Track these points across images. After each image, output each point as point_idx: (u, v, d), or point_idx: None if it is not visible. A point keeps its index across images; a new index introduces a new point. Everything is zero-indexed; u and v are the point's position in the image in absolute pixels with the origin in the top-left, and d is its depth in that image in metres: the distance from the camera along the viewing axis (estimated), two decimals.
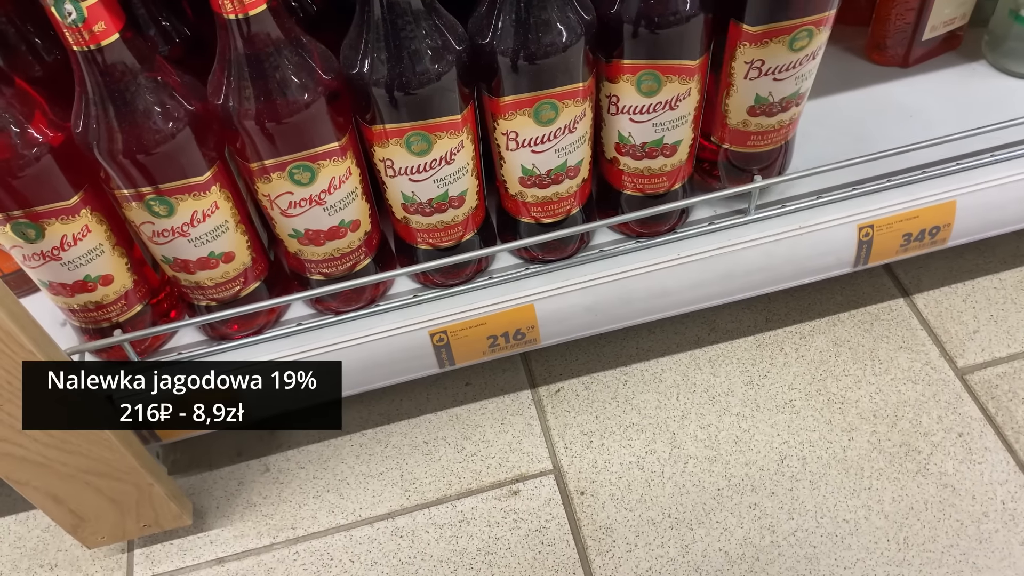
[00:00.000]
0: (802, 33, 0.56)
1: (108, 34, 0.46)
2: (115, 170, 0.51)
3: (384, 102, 0.52)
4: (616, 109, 0.59)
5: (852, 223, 0.66)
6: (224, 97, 0.51)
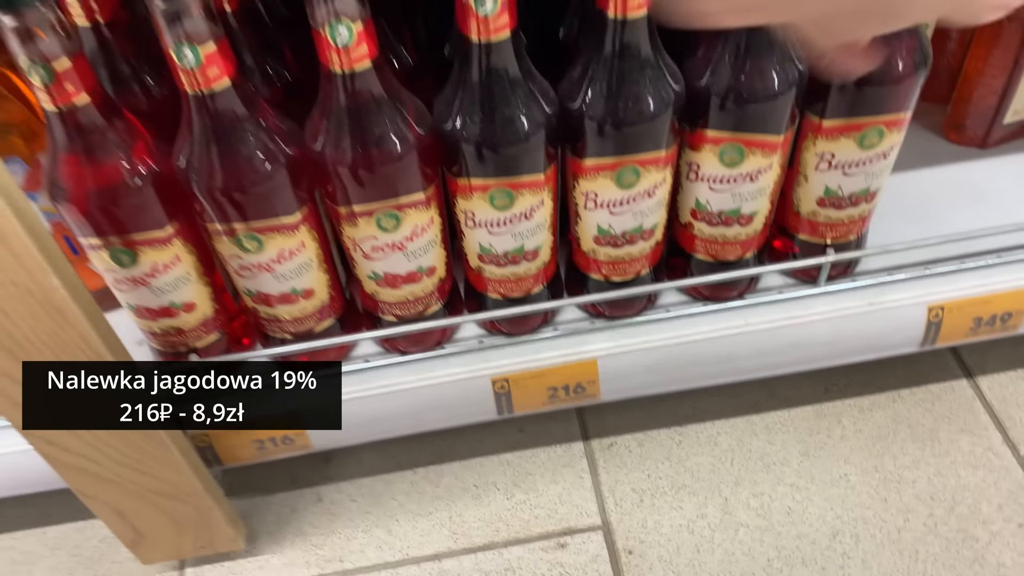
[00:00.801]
0: (872, 132, 0.56)
1: (220, 79, 0.49)
2: (211, 205, 0.54)
3: (473, 159, 0.54)
4: (696, 176, 0.60)
5: (922, 304, 0.66)
6: (321, 144, 0.53)
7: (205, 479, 0.64)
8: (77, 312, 0.48)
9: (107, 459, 0.57)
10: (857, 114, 0.56)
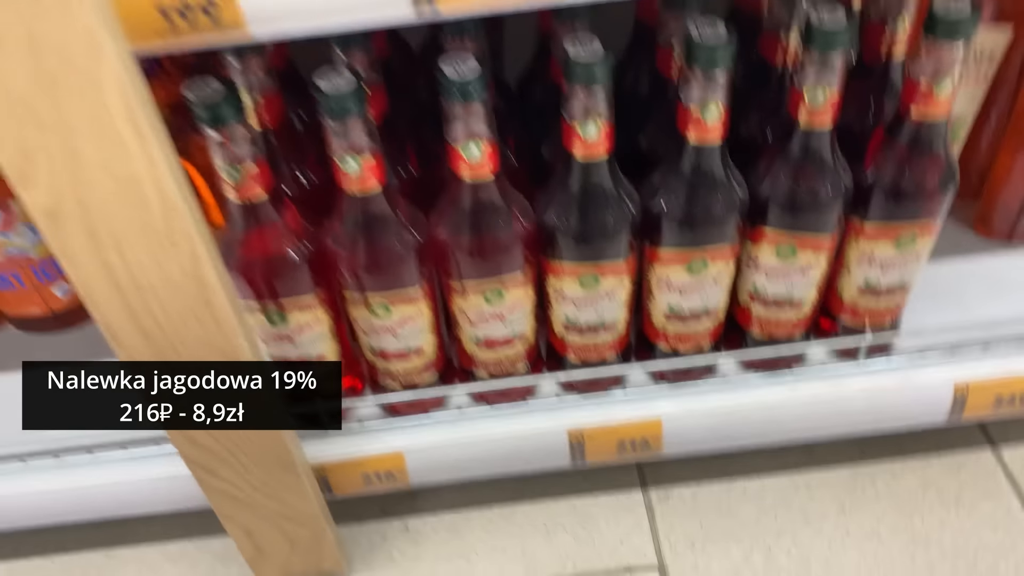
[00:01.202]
0: (907, 236, 0.66)
1: (372, 183, 0.60)
2: (353, 279, 0.65)
3: (568, 247, 0.65)
4: (754, 266, 0.70)
5: (949, 382, 0.75)
6: (445, 233, 0.64)
7: (322, 506, 0.74)
8: None
9: (248, 485, 0.68)
10: (894, 220, 0.66)
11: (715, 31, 0.56)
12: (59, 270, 0.82)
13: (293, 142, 0.70)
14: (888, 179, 0.64)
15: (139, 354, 0.56)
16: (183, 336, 0.55)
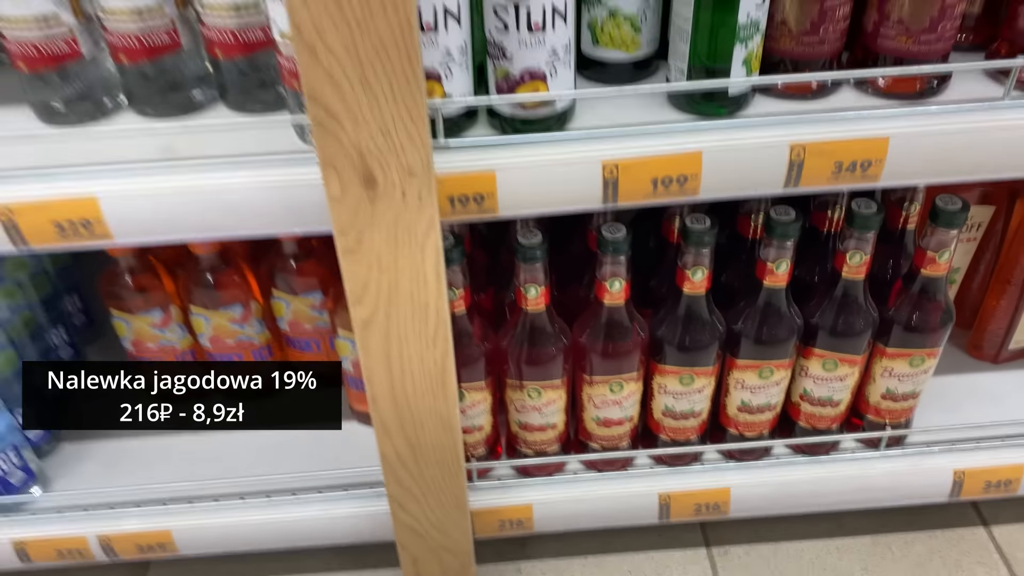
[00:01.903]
0: (918, 357, 0.92)
1: (540, 305, 0.86)
2: (516, 370, 0.90)
3: (672, 354, 0.90)
4: (805, 374, 0.95)
5: (950, 469, 0.99)
6: (587, 340, 0.89)
7: (471, 542, 0.97)
8: None
9: (427, 520, 0.92)
10: (908, 347, 0.91)
11: (786, 213, 0.83)
12: (271, 354, 1.07)
13: (479, 274, 0.96)
14: (904, 317, 0.90)
15: (386, 414, 0.80)
16: (419, 405, 0.80)
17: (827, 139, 0.71)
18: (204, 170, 0.70)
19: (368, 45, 0.57)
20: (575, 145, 0.72)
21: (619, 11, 0.75)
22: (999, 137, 0.72)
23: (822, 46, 0.73)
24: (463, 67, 0.70)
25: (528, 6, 0.65)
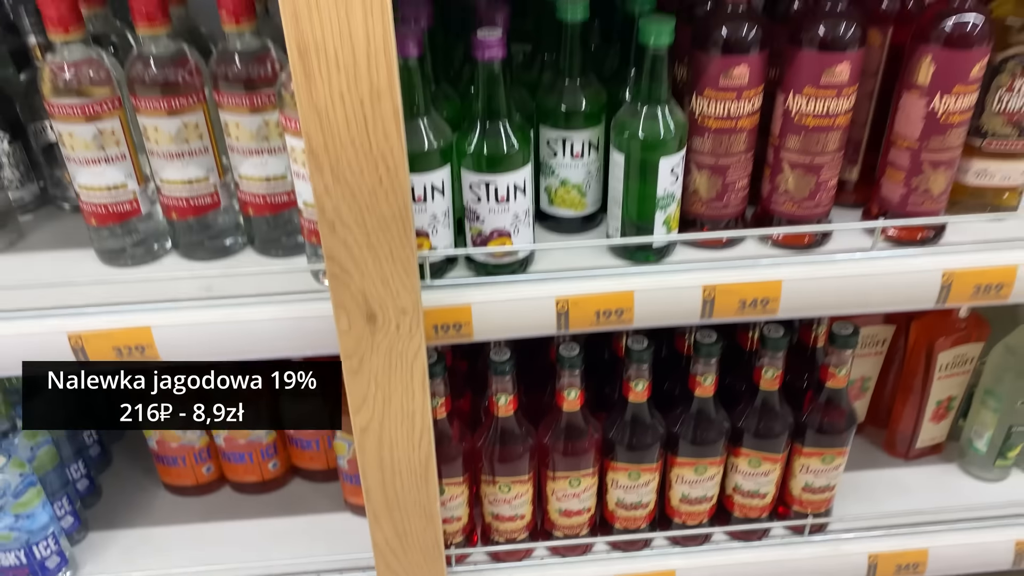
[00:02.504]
0: (829, 456, 1.09)
1: (510, 410, 1.03)
2: (489, 467, 1.06)
3: (621, 453, 1.06)
4: (735, 470, 1.11)
5: (864, 553, 1.15)
6: (548, 439, 1.06)
7: None
8: None
9: None
10: (819, 446, 1.09)
11: (709, 336, 1.01)
12: (276, 451, 1.23)
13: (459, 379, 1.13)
14: (815, 421, 1.07)
15: (378, 506, 0.96)
16: (406, 498, 0.96)
17: (732, 282, 0.90)
18: (236, 306, 0.88)
19: (374, 220, 0.76)
20: (534, 285, 0.90)
21: (568, 181, 0.95)
22: (870, 280, 0.91)
23: (727, 209, 0.92)
24: (446, 226, 0.89)
25: (496, 185, 0.85)
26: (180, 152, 0.87)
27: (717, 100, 0.85)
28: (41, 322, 0.85)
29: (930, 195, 0.91)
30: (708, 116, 0.86)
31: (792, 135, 0.87)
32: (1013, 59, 0.87)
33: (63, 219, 1.04)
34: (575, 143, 0.92)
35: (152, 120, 0.85)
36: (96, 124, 0.85)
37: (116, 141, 0.86)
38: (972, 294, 0.92)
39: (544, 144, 0.94)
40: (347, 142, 0.71)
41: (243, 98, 0.85)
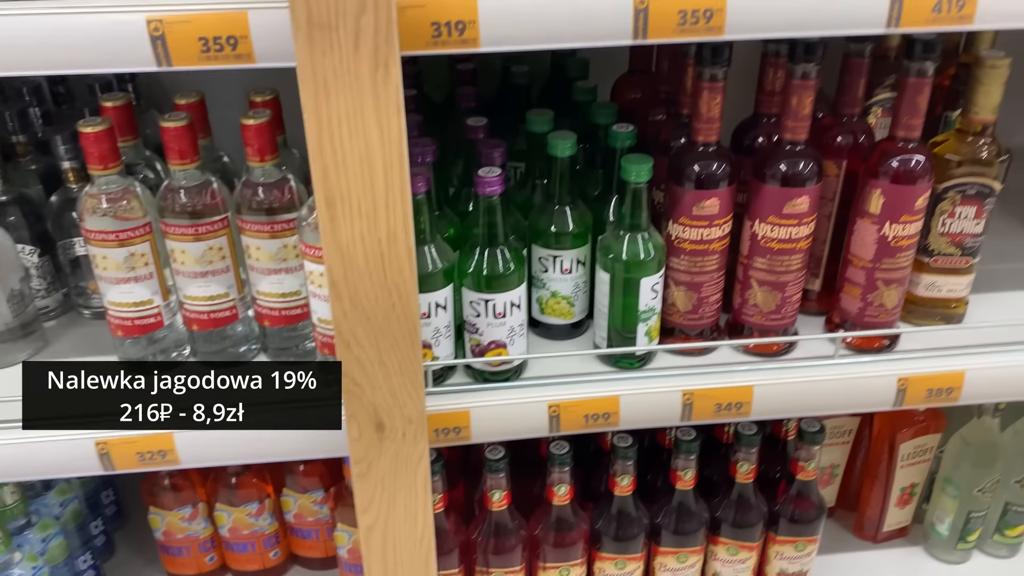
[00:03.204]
0: (801, 544, 1.17)
1: (502, 506, 1.10)
2: (483, 558, 1.12)
3: (608, 543, 1.13)
4: (714, 558, 1.18)
5: None
6: (539, 532, 1.12)
7: None
8: None
9: None
10: (792, 535, 1.16)
11: (688, 434, 1.09)
12: (277, 540, 1.28)
13: (455, 471, 1.20)
14: (787, 511, 1.15)
15: None
16: None
17: (709, 387, 0.99)
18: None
19: (386, 341, 0.84)
20: (527, 391, 0.98)
21: (558, 293, 1.04)
22: (832, 385, 1.00)
23: (702, 320, 1.02)
24: (448, 336, 0.97)
25: (494, 303, 0.93)
26: (204, 272, 0.95)
27: (691, 227, 0.95)
28: (70, 432, 0.92)
29: (884, 308, 1.01)
30: (684, 240, 0.96)
31: (759, 256, 0.97)
32: (952, 189, 0.98)
33: (84, 325, 1.11)
34: (564, 260, 1.02)
35: (180, 244, 0.93)
36: (128, 248, 0.93)
37: (145, 262, 0.94)
38: (925, 397, 1.01)
39: (536, 260, 1.03)
40: (365, 275, 0.80)
41: (264, 225, 0.93)
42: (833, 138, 1.01)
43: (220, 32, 0.73)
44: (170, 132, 0.89)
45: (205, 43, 0.73)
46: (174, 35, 0.72)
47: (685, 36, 0.77)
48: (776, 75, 0.98)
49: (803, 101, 0.90)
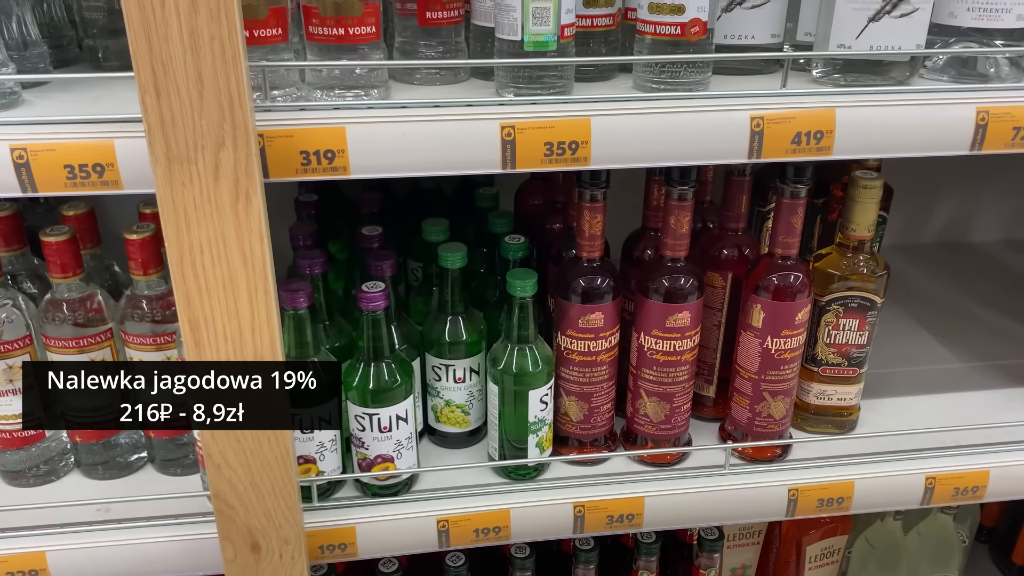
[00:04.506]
0: None
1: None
2: None
3: None
4: None
5: None
6: None
7: None
8: None
9: None
10: None
11: (587, 545, 1.08)
12: None
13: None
14: None
15: None
16: None
17: (600, 499, 0.98)
18: (133, 529, 0.92)
19: (257, 463, 0.82)
20: (416, 505, 0.97)
21: (452, 401, 1.04)
22: (724, 495, 1.00)
23: (595, 429, 1.02)
24: (334, 451, 0.96)
25: (379, 417, 0.93)
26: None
27: (578, 339, 0.96)
28: None
29: (773, 419, 1.02)
30: (572, 351, 0.97)
31: (646, 368, 0.98)
32: (836, 302, 1.01)
33: None
34: (456, 370, 1.02)
35: (60, 356, 0.92)
36: (8, 360, 0.91)
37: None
38: (816, 507, 1.02)
39: (430, 368, 1.03)
40: None
41: (147, 338, 0.92)
42: (719, 251, 1.03)
43: (86, 160, 0.73)
44: (51, 247, 0.89)
45: (71, 170, 0.74)
46: (39, 163, 0.73)
47: (553, 166, 0.80)
48: (659, 192, 1.01)
49: (681, 221, 0.92)
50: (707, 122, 0.80)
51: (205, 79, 0.67)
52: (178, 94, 0.67)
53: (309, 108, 0.77)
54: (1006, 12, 0.85)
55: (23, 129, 0.73)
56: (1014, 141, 0.84)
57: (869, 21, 0.83)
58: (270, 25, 0.75)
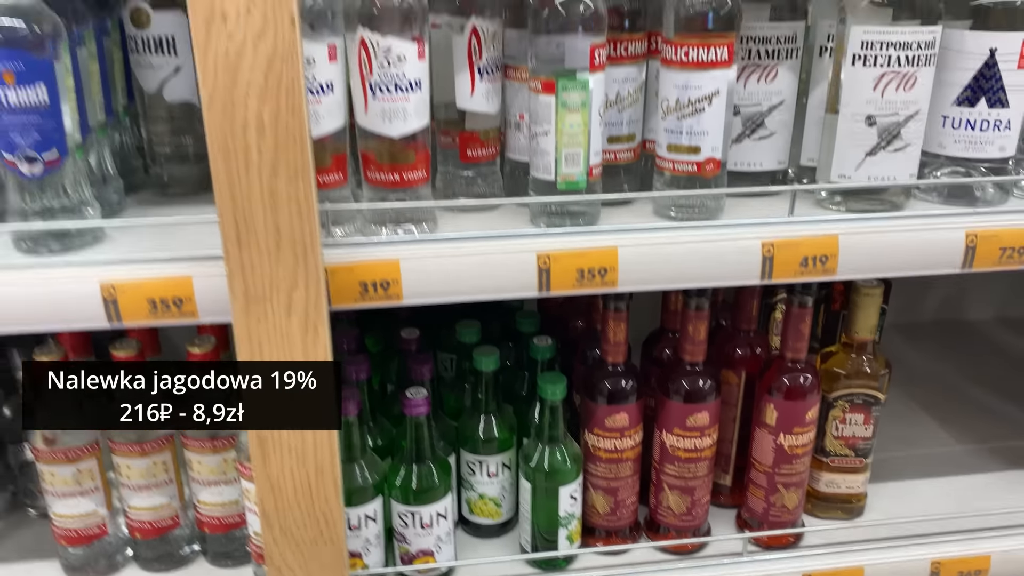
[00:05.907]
0: None
1: None
2: None
3: None
4: None
5: None
6: None
7: None
8: None
9: None
10: None
11: None
12: None
13: None
14: None
15: None
16: None
17: None
18: None
19: (315, 564, 0.89)
20: None
21: (485, 495, 1.11)
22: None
23: (620, 521, 1.09)
24: (378, 545, 1.03)
25: (420, 515, 1.00)
26: (148, 484, 1.01)
27: (605, 437, 1.03)
28: None
29: (786, 508, 1.09)
30: (599, 448, 1.04)
31: (668, 463, 1.06)
32: (842, 398, 1.08)
33: (32, 526, 1.15)
34: (489, 465, 1.09)
35: (125, 460, 0.99)
36: (76, 465, 0.98)
37: (92, 477, 1.00)
38: None
39: (464, 463, 1.10)
40: (294, 505, 0.86)
41: (207, 442, 1.00)
42: (733, 350, 1.11)
43: (167, 294, 0.82)
44: None
45: (153, 304, 0.82)
46: (125, 298, 0.81)
47: (584, 289, 0.88)
48: (677, 298, 1.09)
49: (698, 328, 1.00)
50: (723, 250, 0.88)
51: (282, 231, 0.75)
52: (257, 245, 0.75)
53: (367, 244, 0.85)
54: (989, 144, 0.94)
55: (111, 269, 0.81)
56: (1001, 260, 0.93)
57: (866, 155, 0.92)
58: (333, 170, 0.84)
